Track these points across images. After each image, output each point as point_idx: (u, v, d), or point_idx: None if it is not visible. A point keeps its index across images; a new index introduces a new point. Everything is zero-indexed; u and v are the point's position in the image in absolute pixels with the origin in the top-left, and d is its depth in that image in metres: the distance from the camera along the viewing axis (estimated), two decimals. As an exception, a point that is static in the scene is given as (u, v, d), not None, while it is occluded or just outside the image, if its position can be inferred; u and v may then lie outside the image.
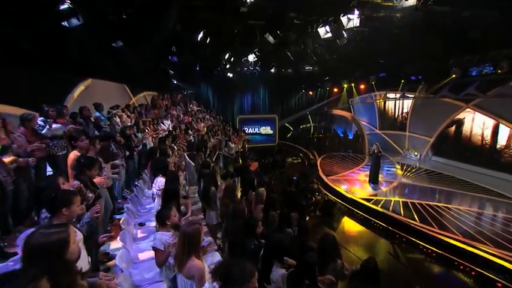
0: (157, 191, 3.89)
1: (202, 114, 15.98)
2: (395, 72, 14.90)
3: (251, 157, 12.94)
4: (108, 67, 8.05)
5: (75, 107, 5.91)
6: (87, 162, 2.98)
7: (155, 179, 3.94)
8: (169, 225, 2.94)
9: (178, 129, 9.66)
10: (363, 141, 17.65)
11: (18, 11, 4.84)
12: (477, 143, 13.27)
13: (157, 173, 4.00)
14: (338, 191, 10.23)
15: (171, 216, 2.91)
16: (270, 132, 22.15)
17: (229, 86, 20.57)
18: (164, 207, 3.03)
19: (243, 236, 3.25)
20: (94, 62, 7.18)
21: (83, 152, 3.46)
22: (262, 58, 12.99)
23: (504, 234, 7.00)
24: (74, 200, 2.18)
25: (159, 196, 3.97)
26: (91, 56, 6.96)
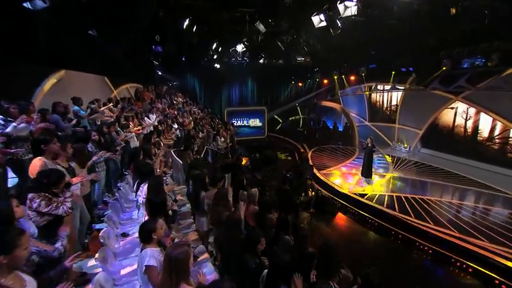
0: (144, 200, 3.44)
1: (189, 107, 15.34)
2: (386, 63, 14.73)
3: (241, 152, 12.49)
4: (84, 57, 7.33)
5: (47, 103, 5.28)
6: (52, 179, 2.43)
7: (141, 187, 3.47)
8: (156, 239, 2.52)
9: (164, 124, 9.09)
10: (353, 133, 17.54)
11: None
12: (464, 134, 13.42)
13: (143, 179, 3.52)
14: (331, 186, 10.03)
15: (156, 229, 2.48)
16: (258, 124, 21.70)
17: (217, 78, 19.89)
18: (149, 219, 2.60)
19: (242, 251, 2.86)
20: (67, 52, 6.46)
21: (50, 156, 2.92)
22: (251, 48, 12.43)
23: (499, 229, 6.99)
24: (20, 242, 1.66)
25: (144, 205, 3.54)
26: (63, 45, 6.25)
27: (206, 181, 4.59)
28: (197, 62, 16.04)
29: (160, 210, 2.86)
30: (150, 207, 2.92)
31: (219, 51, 13.28)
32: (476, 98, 12.37)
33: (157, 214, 2.76)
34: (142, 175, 3.61)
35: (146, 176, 3.53)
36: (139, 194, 3.45)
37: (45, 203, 2.34)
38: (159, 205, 2.89)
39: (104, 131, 5.12)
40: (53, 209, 2.35)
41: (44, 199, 2.34)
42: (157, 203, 2.90)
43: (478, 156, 12.44)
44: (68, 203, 2.49)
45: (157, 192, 3.03)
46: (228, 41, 11.94)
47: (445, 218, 7.56)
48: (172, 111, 12.57)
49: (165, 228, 2.68)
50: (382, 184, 10.44)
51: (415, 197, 9.10)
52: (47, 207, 2.33)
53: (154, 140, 6.10)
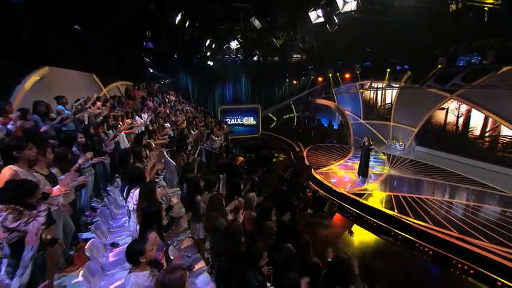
0: (135, 206, 3.15)
1: (181, 106, 14.96)
2: (382, 61, 14.62)
3: (236, 152, 12.22)
4: (70, 53, 6.93)
5: (29, 102, 4.90)
6: (19, 191, 2.09)
7: (131, 192, 3.18)
8: (145, 262, 2.23)
9: (156, 123, 8.74)
10: (348, 132, 17.44)
11: None
12: (458, 132, 13.46)
13: (134, 185, 3.23)
14: (328, 185, 9.85)
15: (146, 251, 2.18)
16: (253, 123, 21.42)
17: (210, 75, 19.48)
18: (138, 237, 2.31)
19: (243, 266, 2.61)
20: (51, 47, 6.06)
21: (25, 164, 2.58)
22: (245, 45, 12.11)
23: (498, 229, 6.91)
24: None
25: (135, 212, 3.25)
26: (46, 39, 5.84)
27: (201, 185, 4.32)
28: (190, 59, 15.63)
29: (154, 221, 2.57)
30: (142, 218, 2.63)
31: (212, 48, 12.91)
32: (471, 96, 12.38)
33: (150, 225, 2.47)
34: (132, 180, 3.31)
35: (136, 180, 3.24)
36: (129, 200, 3.16)
37: (13, 216, 2.01)
38: (152, 215, 2.60)
39: (91, 132, 4.78)
40: (22, 224, 2.03)
41: (13, 212, 2.03)
42: (150, 212, 2.61)
43: (471, 154, 12.50)
44: (41, 218, 2.17)
45: (151, 201, 2.74)
46: (222, 38, 11.59)
47: (444, 218, 7.46)
48: (164, 109, 12.21)
49: (158, 242, 2.40)
50: (379, 183, 10.32)
51: (412, 196, 9.00)
52: (15, 222, 2.03)
53: (146, 141, 5.78)
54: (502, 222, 7.28)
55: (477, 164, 12.00)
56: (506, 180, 10.34)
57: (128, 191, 3.23)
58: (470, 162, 12.29)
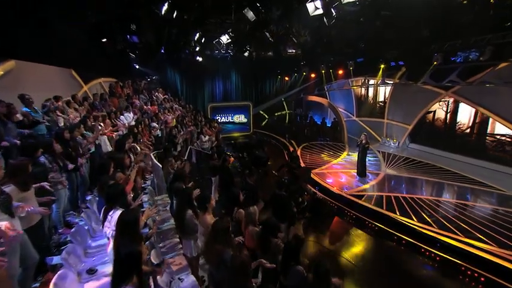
0: (113, 233, 2.57)
1: (170, 104, 14.25)
2: (376, 57, 14.32)
3: (227, 151, 11.64)
4: (43, 46, 6.18)
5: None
6: None
7: (109, 215, 2.60)
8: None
9: (142, 124, 8.08)
10: (342, 129, 17.13)
11: None
12: (451, 129, 13.36)
13: (112, 205, 2.65)
14: (326, 187, 9.45)
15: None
16: (244, 120, 20.83)
17: (199, 71, 18.77)
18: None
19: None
20: (20, 39, 5.34)
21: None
22: (237, 40, 11.49)
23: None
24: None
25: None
26: (14, 31, 5.12)
27: (193, 197, 3.77)
28: (178, 55, 14.88)
29: (133, 270, 1.97)
30: (118, 265, 2.02)
31: (202, 42, 12.23)
32: (466, 93, 12.22)
33: (127, 276, 1.88)
34: (110, 199, 2.72)
35: (115, 200, 2.66)
36: (106, 224, 2.59)
37: None
38: (132, 259, 2.00)
39: (65, 136, 4.13)
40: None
41: None
42: (129, 255, 2.01)
43: (466, 151, 12.40)
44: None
45: (131, 236, 2.16)
46: (212, 32, 10.94)
47: (448, 220, 7.16)
48: (152, 108, 11.51)
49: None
50: (378, 183, 9.99)
51: (412, 196, 8.70)
52: None
53: (129, 144, 5.17)
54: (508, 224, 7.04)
55: (473, 161, 11.91)
56: (501, 178, 10.24)
57: (105, 212, 2.65)
58: (464, 159, 12.20)
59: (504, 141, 11.44)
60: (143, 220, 2.78)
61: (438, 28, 10.22)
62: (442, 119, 13.81)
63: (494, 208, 8.05)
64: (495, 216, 7.48)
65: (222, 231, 3.08)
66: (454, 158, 12.60)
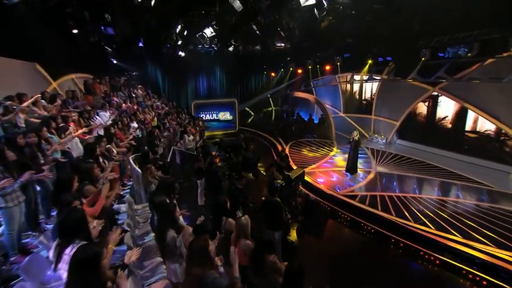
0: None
1: (151, 101, 13.44)
2: (364, 52, 14.09)
3: (213, 150, 11.03)
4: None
5: None
6: None
7: (64, 254, 1.98)
8: None
9: (119, 124, 7.34)
10: (330, 126, 16.88)
11: None
12: (440, 126, 13.39)
13: (68, 240, 2.02)
14: (318, 188, 9.07)
15: None
16: (229, 118, 20.19)
17: (181, 67, 17.94)
18: None
19: None
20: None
21: None
22: (221, 33, 10.84)
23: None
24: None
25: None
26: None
27: (176, 214, 3.20)
28: (159, 49, 14.02)
29: None
30: None
31: (184, 36, 11.47)
32: (453, 89, 12.21)
33: None
34: (65, 232, 2.08)
35: (74, 234, 2.04)
36: (60, 267, 1.98)
37: None
38: None
39: (19, 143, 3.43)
40: None
41: None
42: None
43: (452, 147, 12.47)
44: None
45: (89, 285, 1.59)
46: (195, 24, 10.22)
47: (445, 221, 6.94)
48: (131, 106, 10.71)
49: None
50: (369, 182, 9.73)
51: (406, 195, 8.49)
52: None
53: (100, 150, 4.49)
54: (501, 222, 6.92)
55: (460, 157, 11.97)
56: (486, 173, 10.37)
57: (60, 249, 2.02)
58: (450, 155, 12.26)
59: (486, 137, 11.55)
60: (110, 249, 2.21)
61: (429, 23, 10.02)
62: (429, 115, 13.80)
63: (490, 206, 7.95)
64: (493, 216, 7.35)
65: (199, 251, 2.55)
66: (441, 154, 12.63)
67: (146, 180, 4.30)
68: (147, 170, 4.35)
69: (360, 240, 6.99)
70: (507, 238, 6.17)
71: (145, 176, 4.35)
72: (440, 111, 13.52)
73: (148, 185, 4.18)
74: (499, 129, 11.10)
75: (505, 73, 9.22)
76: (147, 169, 4.36)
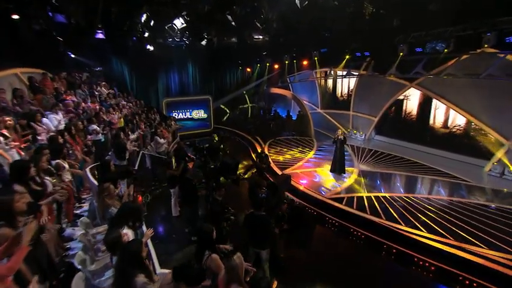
0: None
1: (116, 100, 12.16)
2: (341, 47, 13.79)
3: (187, 154, 10.11)
4: None
5: None
6: None
7: None
8: None
9: (74, 127, 6.24)
10: (308, 122, 16.51)
11: None
12: (414, 121, 13.50)
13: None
14: (301, 190, 8.52)
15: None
16: (203, 116, 19.13)
17: (151, 62, 16.56)
18: None
19: None
20: None
21: None
22: (193, 24, 9.86)
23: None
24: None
25: None
26: None
27: (143, 254, 2.41)
28: (123, 42, 12.69)
29: None
30: None
31: (151, 27, 10.33)
32: (429, 84, 12.27)
33: None
34: None
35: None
36: None
37: None
38: None
39: None
40: None
41: None
42: None
43: (429, 142, 12.66)
44: None
45: None
46: (163, 13, 9.16)
47: (434, 222, 6.69)
48: (92, 106, 9.50)
49: None
50: (354, 181, 9.37)
51: (393, 195, 8.22)
52: None
53: (44, 165, 3.52)
54: (489, 221, 6.80)
55: (435, 152, 12.15)
56: (463, 168, 10.58)
57: None
58: (428, 150, 12.40)
59: (458, 131, 11.74)
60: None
61: (408, 18, 9.84)
62: (407, 110, 13.85)
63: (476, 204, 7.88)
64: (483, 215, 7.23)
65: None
66: (418, 149, 12.74)
67: (103, 203, 3.38)
68: (103, 190, 3.41)
69: (350, 248, 6.55)
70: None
71: (101, 199, 3.42)
72: (410, 106, 13.59)
73: (106, 210, 3.29)
74: (469, 123, 11.26)
75: (482, 69, 9.27)
76: (103, 190, 3.42)
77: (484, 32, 9.05)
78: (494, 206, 7.63)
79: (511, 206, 7.59)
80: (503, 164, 10.10)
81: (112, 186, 3.41)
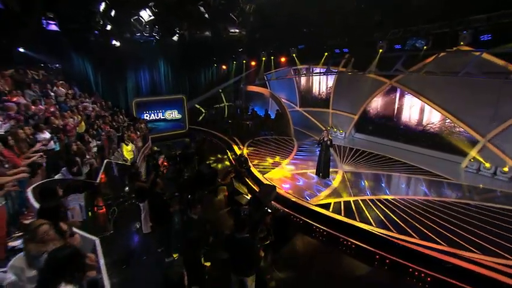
0: None
1: (77, 101, 10.89)
2: (319, 43, 13.39)
3: (162, 159, 9.19)
4: None
5: None
6: None
7: None
8: None
9: (9, 139, 5.13)
10: (288, 121, 16.02)
11: None
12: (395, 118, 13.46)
13: None
14: (285, 197, 7.93)
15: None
16: (177, 116, 18.06)
17: (118, 60, 15.23)
18: None
19: None
20: None
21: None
22: (161, 16, 8.88)
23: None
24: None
25: None
26: None
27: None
28: (83, 36, 11.37)
29: None
30: None
31: (112, 18, 9.19)
32: (408, 82, 12.21)
33: None
34: None
35: None
36: None
37: None
38: None
39: None
40: None
41: None
42: None
43: (406, 139, 12.68)
44: None
45: None
46: (125, 2, 8.11)
47: (428, 228, 6.35)
48: (46, 107, 8.30)
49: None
50: (339, 184, 8.94)
51: (380, 198, 7.87)
52: None
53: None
54: (476, 221, 6.62)
55: (415, 149, 12.17)
56: (441, 165, 10.62)
57: None
58: (407, 147, 12.42)
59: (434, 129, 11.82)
60: None
61: (390, 13, 9.57)
62: (385, 108, 13.78)
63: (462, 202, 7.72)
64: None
65: None
66: (397, 146, 12.70)
67: (31, 250, 2.42)
68: (34, 231, 2.41)
69: (340, 258, 6.06)
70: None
71: (29, 248, 2.40)
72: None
73: (35, 259, 2.37)
74: (444, 120, 11.31)
75: (459, 67, 9.23)
76: (35, 230, 2.42)
77: (460, 30, 9.02)
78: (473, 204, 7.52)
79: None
80: (479, 161, 10.20)
81: (45, 226, 2.45)
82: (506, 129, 9.59)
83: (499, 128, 9.77)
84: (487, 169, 9.99)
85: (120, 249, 5.93)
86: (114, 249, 5.87)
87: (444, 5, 9.35)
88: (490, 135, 10.01)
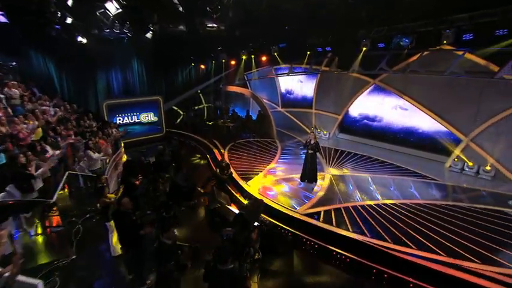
0: None
1: (35, 104, 9.67)
2: (302, 42, 12.94)
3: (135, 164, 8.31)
4: None
5: None
6: None
7: None
8: None
9: None
10: (270, 123, 15.45)
11: None
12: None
13: None
14: (275, 208, 7.29)
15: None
16: (153, 119, 16.92)
17: (86, 58, 13.93)
18: None
19: None
20: None
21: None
22: (130, 8, 7.98)
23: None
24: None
25: None
26: None
27: None
28: (42, 32, 10.13)
29: None
30: None
31: (71, 8, 8.14)
32: (391, 81, 12.04)
33: None
34: None
35: None
36: None
37: None
38: None
39: None
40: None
41: None
42: None
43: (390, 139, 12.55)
44: None
45: None
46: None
47: (424, 236, 5.99)
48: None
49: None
50: (327, 191, 8.44)
51: (371, 203, 7.47)
52: None
53: None
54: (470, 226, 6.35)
55: (397, 149, 12.10)
56: (425, 164, 10.59)
57: None
58: (391, 147, 12.28)
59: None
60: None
61: (376, 11, 9.25)
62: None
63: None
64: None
65: None
66: (381, 146, 12.53)
67: None
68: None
69: (334, 275, 5.53)
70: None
71: None
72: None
73: None
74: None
75: (443, 66, 9.10)
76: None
77: (443, 29, 8.89)
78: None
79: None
80: (463, 160, 10.17)
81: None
82: (487, 128, 9.60)
83: (480, 127, 9.77)
84: (471, 168, 9.97)
85: (82, 279, 5.07)
86: (75, 279, 5.02)
87: (429, 4, 9.16)
88: (473, 134, 9.99)
